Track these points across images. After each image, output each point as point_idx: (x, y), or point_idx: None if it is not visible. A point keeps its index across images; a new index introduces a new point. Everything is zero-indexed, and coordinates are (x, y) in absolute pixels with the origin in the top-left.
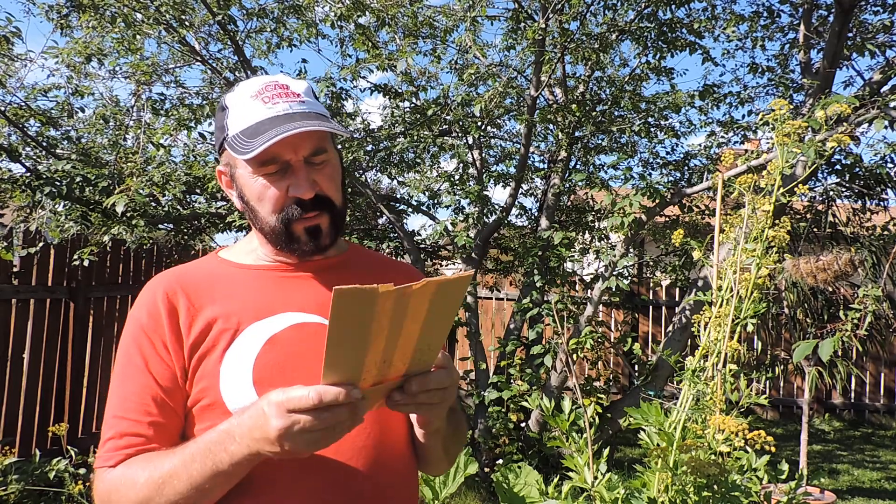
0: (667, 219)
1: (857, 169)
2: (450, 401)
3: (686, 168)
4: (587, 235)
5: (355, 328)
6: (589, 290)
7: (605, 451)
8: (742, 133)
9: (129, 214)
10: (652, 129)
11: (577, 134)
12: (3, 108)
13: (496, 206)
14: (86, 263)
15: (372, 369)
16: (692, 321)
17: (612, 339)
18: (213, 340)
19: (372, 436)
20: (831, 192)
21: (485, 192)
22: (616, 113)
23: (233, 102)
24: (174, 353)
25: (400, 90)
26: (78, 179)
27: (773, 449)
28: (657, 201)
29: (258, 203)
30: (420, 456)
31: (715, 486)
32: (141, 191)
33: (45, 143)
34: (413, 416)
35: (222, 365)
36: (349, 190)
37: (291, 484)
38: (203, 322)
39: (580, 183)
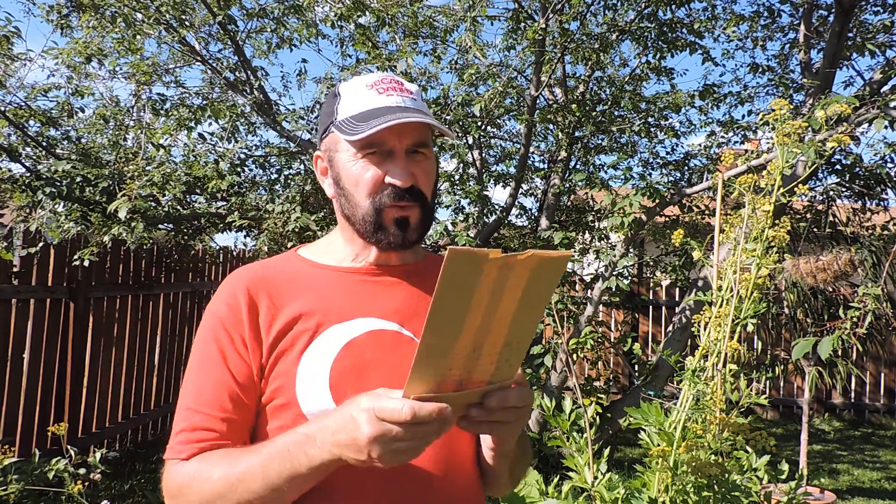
0: (667, 219)
1: (857, 169)
2: (525, 421)
3: (686, 168)
4: (587, 235)
5: (459, 297)
6: (589, 290)
7: (606, 451)
8: (742, 133)
9: (129, 216)
10: (652, 129)
11: (577, 134)
12: (3, 108)
13: (496, 206)
14: (86, 263)
15: (460, 359)
16: (692, 321)
17: (612, 339)
18: (291, 340)
19: (443, 451)
20: (831, 192)
21: (485, 192)
22: (616, 113)
23: (346, 91)
24: (252, 349)
25: None
26: (78, 179)
27: (773, 449)
28: (657, 201)
29: (354, 187)
30: (485, 477)
31: (715, 486)
32: (141, 192)
33: (45, 143)
34: (484, 437)
35: (299, 365)
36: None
37: (359, 491)
38: (283, 321)
39: (580, 183)
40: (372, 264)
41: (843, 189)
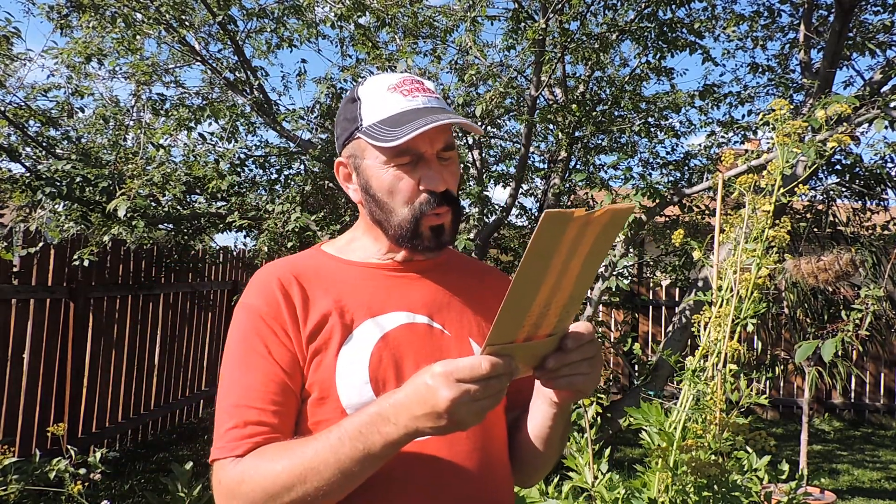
0: (667, 219)
1: (857, 169)
2: (599, 370)
3: (686, 168)
4: None
5: (544, 257)
6: (589, 290)
7: (606, 451)
8: (742, 133)
9: (129, 215)
10: (652, 129)
11: (577, 134)
12: (3, 108)
13: (496, 207)
14: (86, 263)
15: (533, 317)
16: (692, 321)
17: (612, 339)
18: (328, 334)
19: (481, 439)
20: (831, 192)
21: (485, 193)
22: (616, 113)
23: (366, 94)
24: (294, 339)
25: None
26: (78, 179)
27: (773, 449)
28: (657, 201)
29: (388, 195)
30: (526, 457)
31: (715, 486)
32: (141, 191)
33: (45, 143)
34: (541, 400)
35: (338, 360)
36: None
37: (405, 484)
38: (318, 315)
39: (580, 183)
40: (398, 262)
41: (843, 189)
